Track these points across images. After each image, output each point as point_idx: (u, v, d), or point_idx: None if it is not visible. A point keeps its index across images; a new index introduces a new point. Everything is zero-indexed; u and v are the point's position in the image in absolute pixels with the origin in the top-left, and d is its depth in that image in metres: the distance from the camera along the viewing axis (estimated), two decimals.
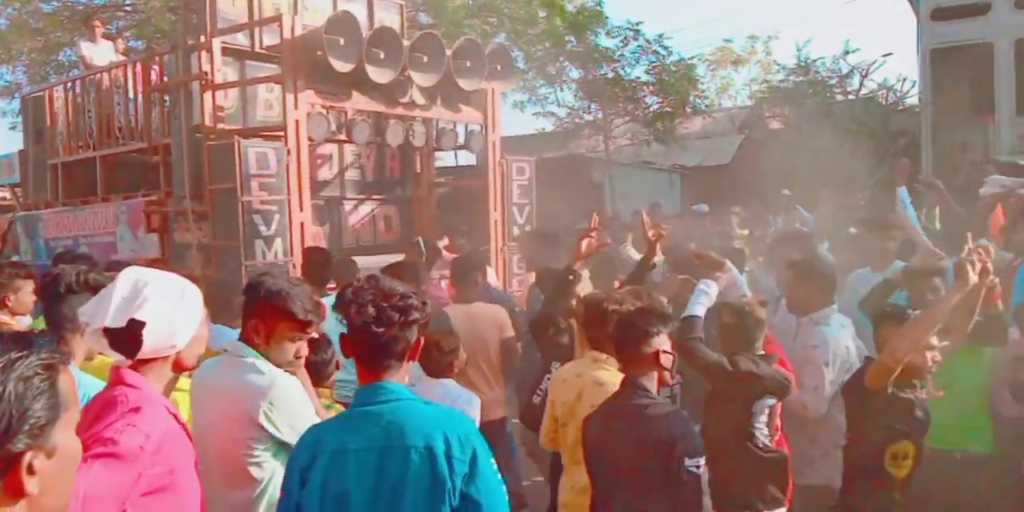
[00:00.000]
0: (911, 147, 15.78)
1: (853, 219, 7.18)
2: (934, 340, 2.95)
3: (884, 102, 17.73)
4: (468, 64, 6.53)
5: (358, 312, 1.91)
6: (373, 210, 7.45)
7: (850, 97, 17.67)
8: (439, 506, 1.82)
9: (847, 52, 17.61)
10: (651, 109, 17.45)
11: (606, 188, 16.45)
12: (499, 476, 1.92)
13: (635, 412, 2.62)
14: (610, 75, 16.94)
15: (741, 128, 20.02)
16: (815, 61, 17.88)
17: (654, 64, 16.89)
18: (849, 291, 4.72)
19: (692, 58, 18.18)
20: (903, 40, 24.80)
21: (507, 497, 1.93)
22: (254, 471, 2.34)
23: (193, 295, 2.00)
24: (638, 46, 16.75)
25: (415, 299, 1.95)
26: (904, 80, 17.19)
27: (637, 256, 5.74)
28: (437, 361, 3.68)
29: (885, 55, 24.75)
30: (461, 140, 7.07)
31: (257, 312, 2.44)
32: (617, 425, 2.66)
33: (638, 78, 17.16)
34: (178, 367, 2.00)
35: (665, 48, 16.90)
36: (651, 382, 2.70)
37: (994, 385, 3.58)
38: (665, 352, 2.70)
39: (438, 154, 9.87)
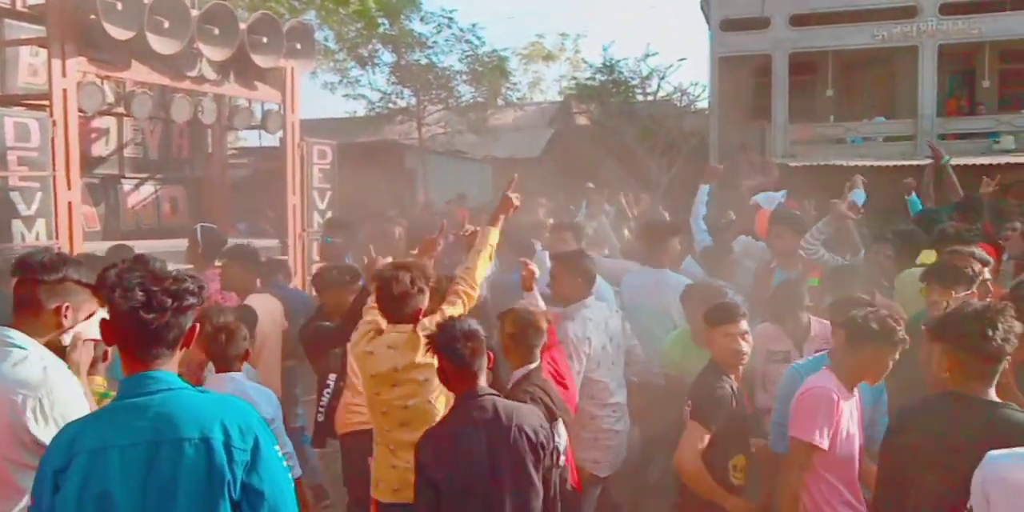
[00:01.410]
0: (700, 147, 17.07)
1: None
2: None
3: (679, 104, 19.05)
4: (265, 40, 6.21)
5: (124, 296, 1.73)
6: (157, 191, 6.91)
7: (649, 98, 18.79)
8: (217, 500, 1.71)
9: (647, 55, 18.71)
10: (464, 98, 17.62)
11: (419, 175, 16.41)
12: (284, 465, 1.85)
13: None
14: (423, 61, 16.91)
15: (551, 122, 20.68)
16: (619, 62, 18.84)
17: (467, 53, 17.10)
18: (630, 287, 4.95)
19: (504, 50, 18.51)
20: (697, 47, 26.90)
21: (293, 486, 1.86)
22: (21, 479, 2.06)
23: None
24: (452, 34, 16.89)
25: (190, 283, 1.81)
26: (696, 84, 18.56)
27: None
28: (226, 352, 3.40)
29: (680, 60, 26.59)
30: (257, 120, 6.74)
31: (58, 292, 2.24)
32: None
33: (451, 66, 17.29)
34: None
35: (478, 38, 17.17)
36: None
37: (747, 377, 3.95)
38: None
39: (243, 134, 9.34)
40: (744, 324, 3.26)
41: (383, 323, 3.15)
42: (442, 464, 2.60)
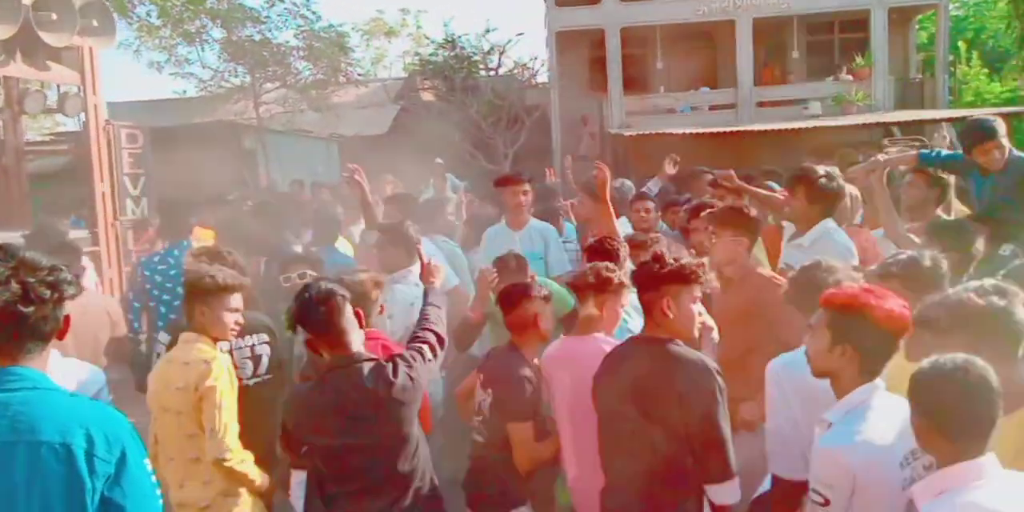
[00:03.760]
0: (543, 120, 17.48)
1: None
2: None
3: (521, 78, 19.37)
4: (54, 17, 5.81)
5: None
6: None
7: (492, 73, 18.98)
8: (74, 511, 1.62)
9: (488, 30, 18.88)
10: (303, 76, 17.13)
11: (259, 156, 15.84)
12: (152, 479, 1.76)
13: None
14: (257, 37, 16.26)
15: (396, 99, 20.45)
16: (460, 37, 18.89)
17: (302, 29, 16.57)
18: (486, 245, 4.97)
19: (342, 26, 18.09)
20: (534, 22, 27.43)
21: (160, 501, 1.78)
22: None
23: None
24: (285, 9, 16.32)
25: (66, 272, 1.73)
26: (535, 59, 18.93)
27: None
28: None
29: (518, 35, 26.88)
30: (53, 102, 6.32)
31: None
32: None
33: (287, 42, 16.74)
34: None
35: (313, 13, 16.69)
36: None
37: None
38: None
39: (61, 118, 8.72)
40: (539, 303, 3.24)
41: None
42: (312, 428, 2.61)
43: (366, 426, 2.57)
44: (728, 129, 14.40)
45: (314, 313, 2.56)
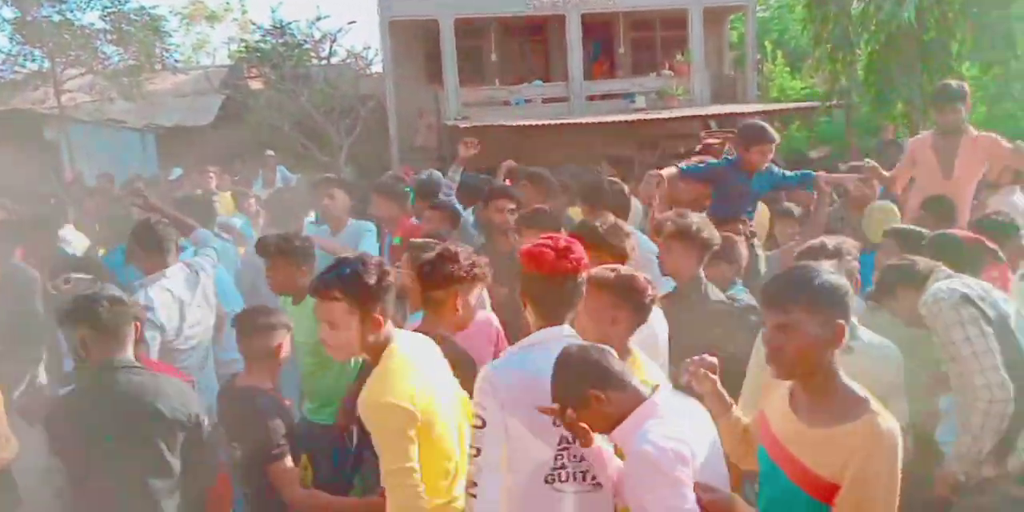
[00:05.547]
0: (379, 110, 17.15)
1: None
2: None
3: (355, 68, 18.88)
4: None
5: None
6: None
7: (323, 62, 18.39)
8: None
9: (319, 18, 18.26)
10: (112, 61, 15.80)
11: (62, 148, 14.46)
12: None
13: None
14: (56, 18, 14.81)
15: (221, 87, 19.33)
16: (289, 24, 18.17)
17: (109, 10, 15.27)
18: None
19: (156, 8, 16.86)
20: (366, 10, 26.78)
21: None
22: None
23: None
24: None
25: None
26: (369, 48, 18.53)
27: None
28: None
29: (350, 22, 26.27)
30: None
31: None
32: None
33: (92, 25, 15.36)
34: None
35: None
36: None
37: None
38: None
39: None
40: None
41: None
42: (67, 433, 2.51)
43: (125, 438, 2.47)
44: (560, 121, 14.76)
45: (100, 312, 2.52)
